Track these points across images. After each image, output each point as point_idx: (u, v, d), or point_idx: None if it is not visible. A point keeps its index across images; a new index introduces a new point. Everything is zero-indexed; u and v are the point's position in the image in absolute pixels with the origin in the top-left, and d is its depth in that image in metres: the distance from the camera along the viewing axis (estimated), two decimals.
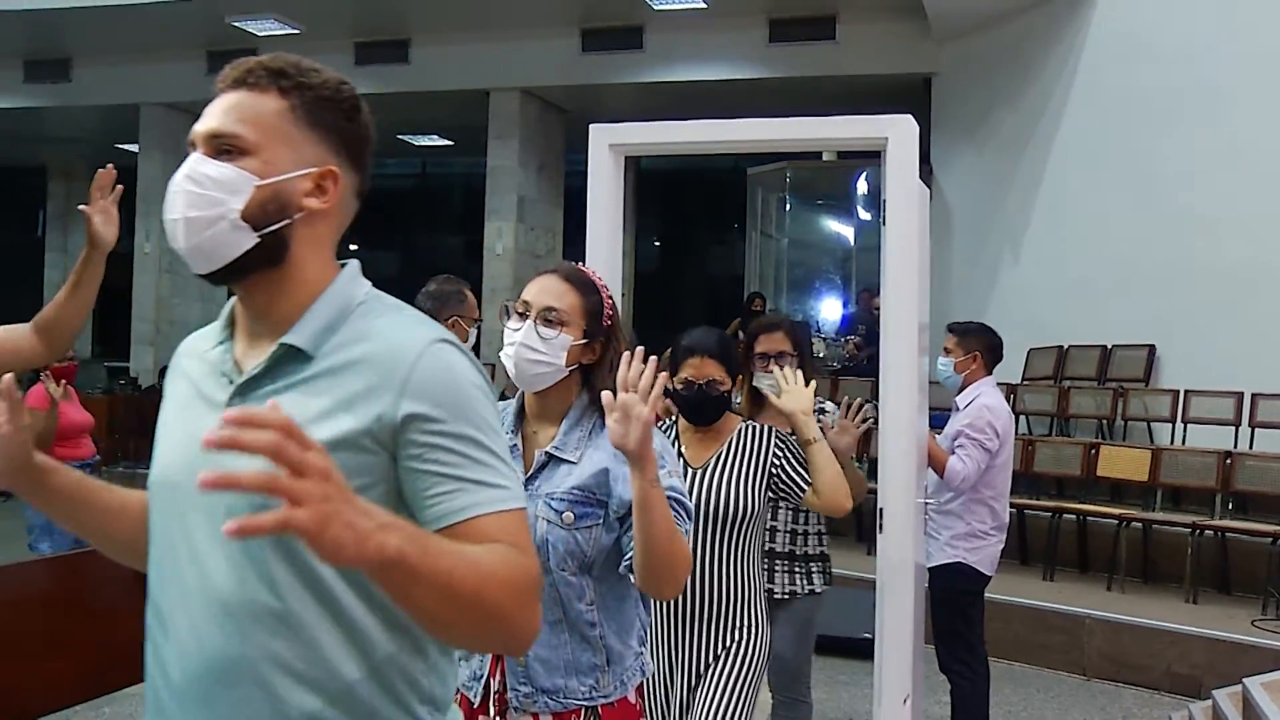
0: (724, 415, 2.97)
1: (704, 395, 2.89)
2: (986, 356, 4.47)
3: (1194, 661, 5.85)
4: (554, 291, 2.08)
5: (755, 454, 2.93)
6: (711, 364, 2.87)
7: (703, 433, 2.98)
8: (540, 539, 1.98)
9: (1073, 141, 9.56)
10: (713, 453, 2.94)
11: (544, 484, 2.04)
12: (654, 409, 1.88)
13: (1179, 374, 8.29)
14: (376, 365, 1.30)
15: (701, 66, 12.69)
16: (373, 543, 1.07)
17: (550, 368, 2.04)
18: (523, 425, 2.14)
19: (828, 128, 3.49)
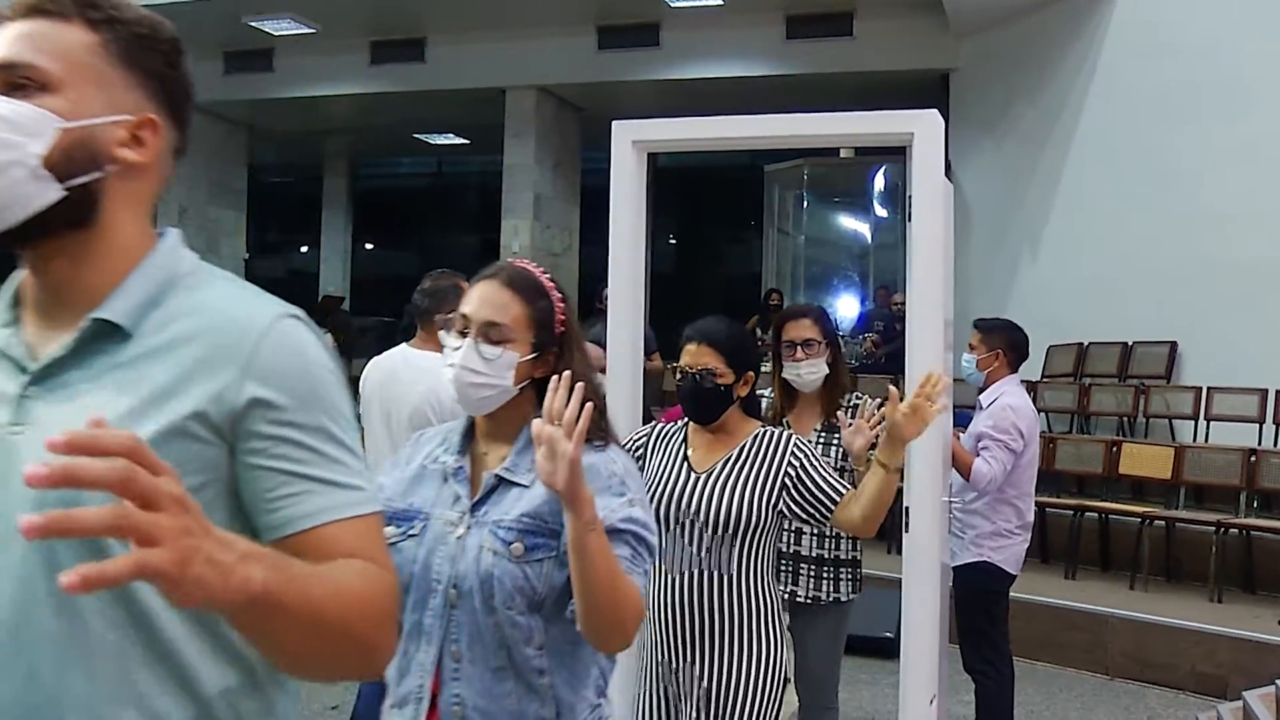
0: (730, 414, 2.70)
1: (697, 386, 2.65)
2: (1010, 354, 4.43)
3: (1219, 661, 5.79)
4: (495, 303, 1.83)
5: (768, 461, 2.66)
6: (708, 353, 2.65)
7: (712, 434, 2.73)
8: (484, 573, 1.73)
9: (1092, 137, 9.50)
10: (720, 457, 2.70)
11: (491, 510, 1.79)
12: (580, 445, 1.60)
13: (1201, 371, 8.23)
14: (212, 341, 1.11)
15: (718, 63, 12.66)
16: (236, 579, 0.91)
17: (495, 390, 1.81)
18: (472, 445, 1.90)
19: (853, 123, 3.46)
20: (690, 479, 2.68)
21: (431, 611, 1.75)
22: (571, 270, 14.39)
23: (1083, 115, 9.65)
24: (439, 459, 1.87)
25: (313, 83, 14.15)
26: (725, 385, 2.65)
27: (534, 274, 1.89)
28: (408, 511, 1.82)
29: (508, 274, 1.87)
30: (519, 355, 1.81)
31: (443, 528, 1.79)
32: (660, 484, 2.70)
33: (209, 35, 13.63)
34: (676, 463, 2.73)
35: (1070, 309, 9.24)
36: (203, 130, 15.18)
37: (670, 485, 2.69)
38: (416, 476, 1.87)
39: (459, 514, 1.79)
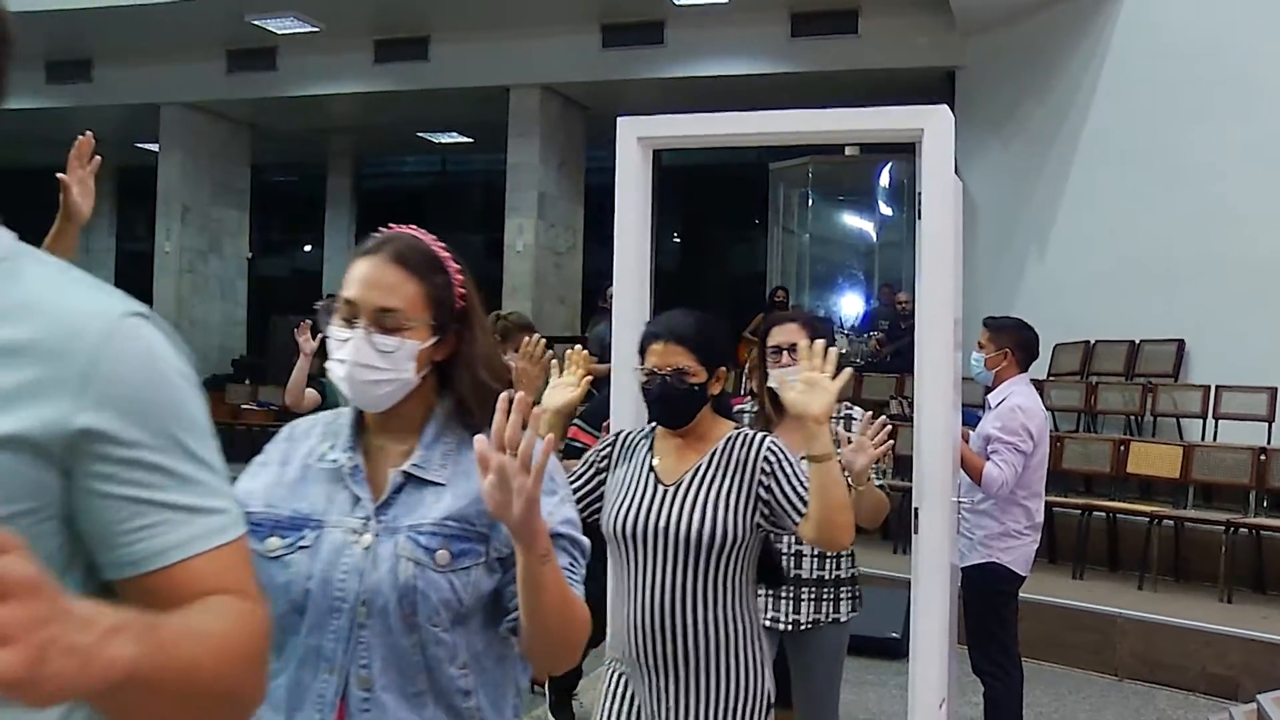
0: (703, 416, 2.47)
1: (668, 389, 2.40)
2: (1019, 354, 4.38)
3: (1230, 662, 5.74)
4: (385, 284, 1.58)
5: (741, 468, 2.41)
6: (678, 351, 2.40)
7: (681, 440, 2.49)
8: (404, 586, 1.50)
9: (1100, 135, 9.45)
10: (690, 466, 2.45)
11: (403, 513, 1.55)
12: (539, 481, 1.39)
13: (1209, 369, 8.18)
14: (39, 350, 0.93)
15: (723, 61, 12.63)
16: (99, 666, 0.77)
17: (395, 384, 1.58)
18: (364, 439, 1.64)
19: (862, 119, 3.42)
20: (658, 493, 2.43)
21: (333, 634, 1.51)
22: (576, 269, 14.37)
23: (1090, 113, 9.60)
24: (326, 456, 1.61)
25: (316, 81, 14.13)
26: (698, 385, 2.42)
27: (425, 244, 1.65)
28: (294, 519, 1.56)
29: (395, 248, 1.61)
30: (419, 342, 1.58)
31: (343, 536, 1.54)
32: (625, 499, 2.45)
33: (211, 34, 13.63)
34: (642, 475, 2.47)
35: (1077, 307, 9.19)
36: (205, 129, 15.20)
37: (635, 501, 2.43)
38: (300, 478, 1.61)
39: (362, 519, 1.55)
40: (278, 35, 13.43)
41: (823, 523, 2.29)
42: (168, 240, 14.98)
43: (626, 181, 3.45)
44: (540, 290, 13.38)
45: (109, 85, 14.92)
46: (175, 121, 15.03)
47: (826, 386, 2.28)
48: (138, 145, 16.46)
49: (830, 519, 2.28)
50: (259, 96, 14.50)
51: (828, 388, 2.28)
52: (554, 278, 13.87)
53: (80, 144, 2.21)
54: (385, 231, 1.67)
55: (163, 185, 15.03)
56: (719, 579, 2.39)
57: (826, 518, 2.28)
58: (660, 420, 2.50)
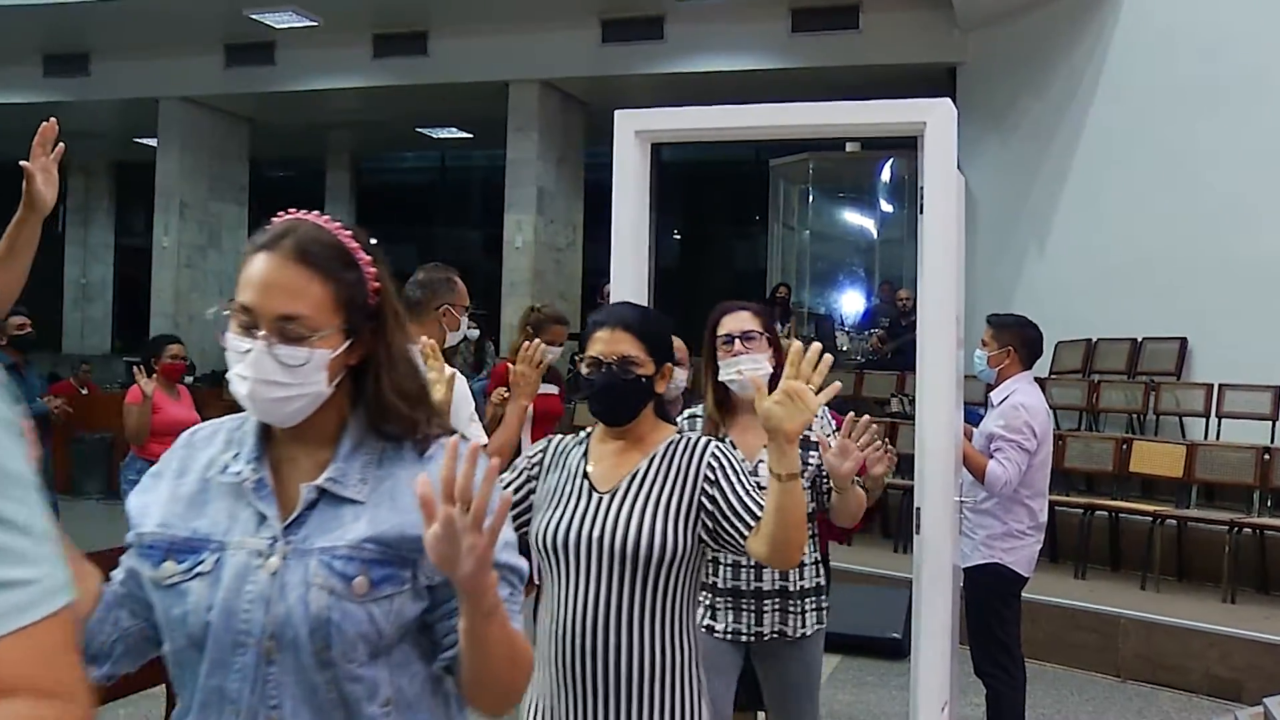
0: (645, 418, 2.27)
1: (613, 379, 2.19)
2: (1022, 351, 4.32)
3: (1234, 664, 5.69)
4: (287, 288, 1.36)
5: (684, 474, 2.21)
6: (625, 339, 2.21)
7: (619, 444, 2.27)
8: (316, 617, 1.32)
9: (1101, 131, 9.39)
10: (627, 472, 2.23)
11: (316, 534, 1.36)
12: (493, 542, 1.24)
13: (1212, 367, 8.13)
14: None
15: (723, 57, 12.58)
16: None
17: (305, 399, 1.38)
18: (270, 450, 1.44)
19: (863, 113, 3.36)
20: (592, 501, 2.21)
21: (239, 673, 1.33)
22: (575, 266, 14.31)
23: (1091, 109, 9.54)
24: (228, 468, 1.42)
25: (314, 76, 14.07)
26: (645, 378, 2.22)
27: (331, 234, 1.42)
28: (192, 541, 1.37)
29: (297, 241, 1.38)
30: (329, 351, 1.38)
31: (246, 560, 1.35)
32: (557, 508, 2.23)
33: (209, 28, 13.59)
34: (575, 481, 2.25)
35: (1079, 305, 9.14)
36: (203, 123, 15.14)
37: (568, 510, 2.22)
38: (199, 493, 1.42)
39: (268, 540, 1.36)
40: (276, 29, 13.38)
41: (777, 542, 2.09)
42: (166, 235, 14.93)
43: (624, 175, 3.40)
44: (539, 287, 13.32)
45: (107, 79, 14.87)
46: (173, 116, 14.98)
47: (809, 403, 2.01)
48: (136, 140, 16.41)
49: (785, 538, 2.09)
50: (257, 91, 14.45)
51: (809, 405, 2.01)
52: (553, 274, 13.81)
53: (43, 130, 2.14)
54: (282, 219, 1.43)
55: (161, 180, 14.97)
56: (657, 596, 2.17)
57: (782, 537, 2.08)
58: (602, 415, 2.27)
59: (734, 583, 2.96)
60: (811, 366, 2.02)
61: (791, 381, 2.01)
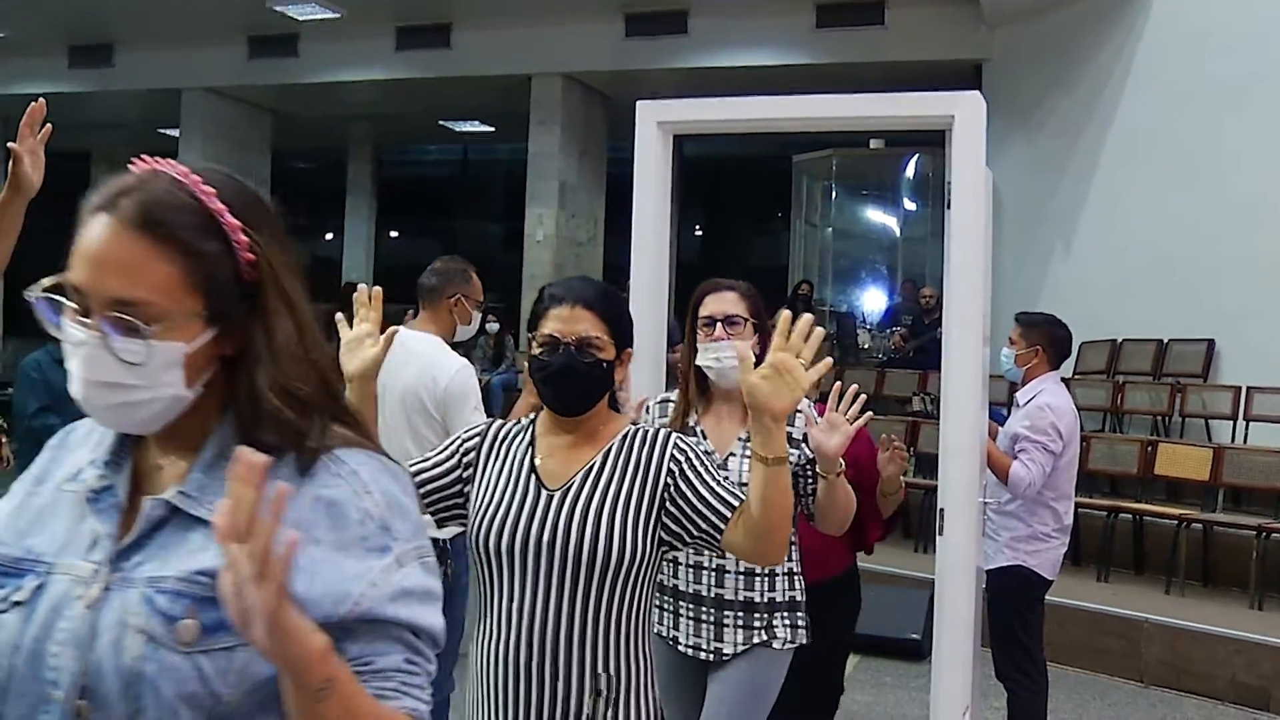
0: (600, 409, 2.06)
1: (572, 361, 1.97)
2: (1049, 350, 4.25)
3: (1261, 671, 5.59)
4: (124, 264, 1.05)
5: (642, 470, 2.00)
6: (587, 317, 1.99)
7: (570, 436, 2.05)
8: (126, 670, 1.01)
9: (1129, 130, 9.27)
10: (580, 467, 2.02)
11: (150, 560, 1.06)
12: (282, 601, 0.92)
13: (1239, 369, 8.01)
14: None
15: (746, 52, 12.49)
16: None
17: (157, 402, 1.08)
18: (136, 454, 1.15)
19: (890, 105, 3.29)
20: (541, 499, 1.99)
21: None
22: (596, 260, 14.26)
23: (1119, 107, 9.42)
24: (80, 474, 1.14)
25: (337, 68, 14.07)
26: (605, 362, 2.00)
27: (187, 192, 1.08)
28: (21, 562, 1.09)
29: (140, 203, 1.06)
30: (182, 344, 1.06)
31: (67, 589, 1.06)
32: (499, 505, 2.00)
33: (233, 20, 13.59)
34: (522, 476, 2.03)
35: (1104, 305, 9.02)
36: (225, 114, 15.16)
37: (513, 508, 1.99)
38: (50, 504, 1.14)
39: (94, 565, 1.06)
40: (299, 21, 13.37)
41: (760, 534, 1.89)
42: None
43: (645, 167, 3.34)
44: None
45: (130, 70, 14.91)
46: (196, 107, 15.00)
47: (799, 379, 1.80)
48: (159, 130, 16.44)
49: (769, 530, 1.89)
50: (280, 83, 14.46)
51: (799, 380, 1.80)
52: (574, 269, 13.75)
53: (31, 111, 2.06)
54: (129, 173, 1.11)
55: None
56: (612, 606, 1.95)
57: (765, 529, 1.89)
58: (555, 403, 2.03)
59: (694, 586, 2.67)
60: (802, 338, 1.81)
61: (780, 354, 1.81)
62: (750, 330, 2.69)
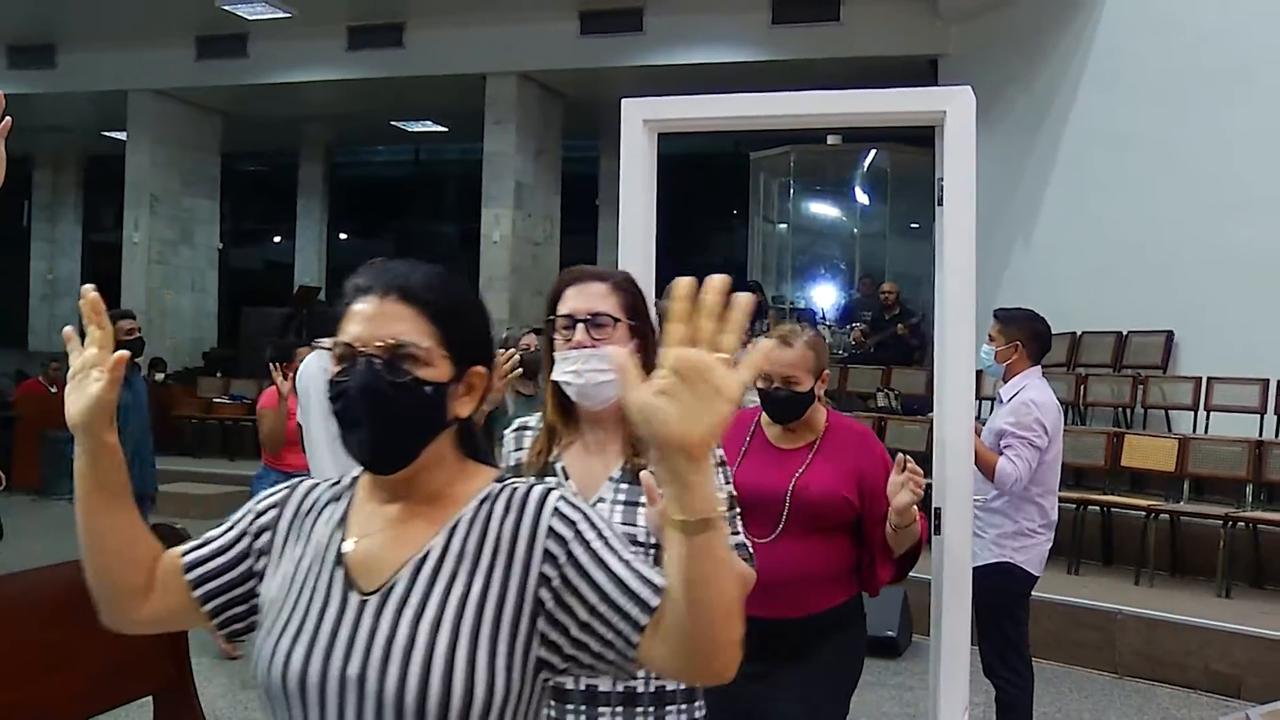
0: (441, 459, 1.33)
1: (376, 382, 1.27)
2: (1030, 346, 4.26)
3: (1233, 660, 5.64)
4: None
5: (505, 555, 1.28)
6: (406, 315, 1.29)
7: (400, 502, 1.33)
8: None
9: (1087, 123, 9.35)
10: (413, 552, 1.29)
11: None
12: None
13: (1198, 360, 8.10)
14: None
15: (703, 48, 12.48)
16: None
17: None
18: None
19: (881, 101, 3.26)
20: (348, 609, 1.28)
21: None
22: (553, 260, 14.18)
23: (1077, 101, 9.50)
24: None
25: (288, 68, 13.89)
26: (433, 385, 1.29)
27: None
28: None
29: None
30: None
31: None
32: (285, 620, 1.31)
33: (180, 19, 13.37)
34: (322, 571, 1.32)
35: (1064, 298, 9.06)
36: (174, 116, 14.91)
37: (306, 624, 1.29)
38: None
39: None
40: (249, 21, 13.18)
41: (694, 642, 1.18)
42: (136, 231, 14.69)
43: (632, 168, 3.28)
44: (517, 281, 13.19)
45: (74, 71, 14.61)
46: (143, 109, 14.74)
47: (722, 385, 1.07)
48: (104, 134, 16.14)
49: (707, 637, 1.17)
50: (230, 84, 14.25)
51: (723, 388, 1.07)
52: (531, 268, 13.67)
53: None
54: None
55: (131, 174, 14.73)
56: None
57: (701, 635, 1.17)
58: (357, 451, 1.31)
59: (588, 681, 1.96)
60: (715, 317, 1.07)
61: (683, 352, 1.07)
62: (625, 334, 1.98)
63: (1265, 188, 7.73)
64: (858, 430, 2.94)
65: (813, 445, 2.84)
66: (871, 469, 2.75)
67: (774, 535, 2.74)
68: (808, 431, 2.86)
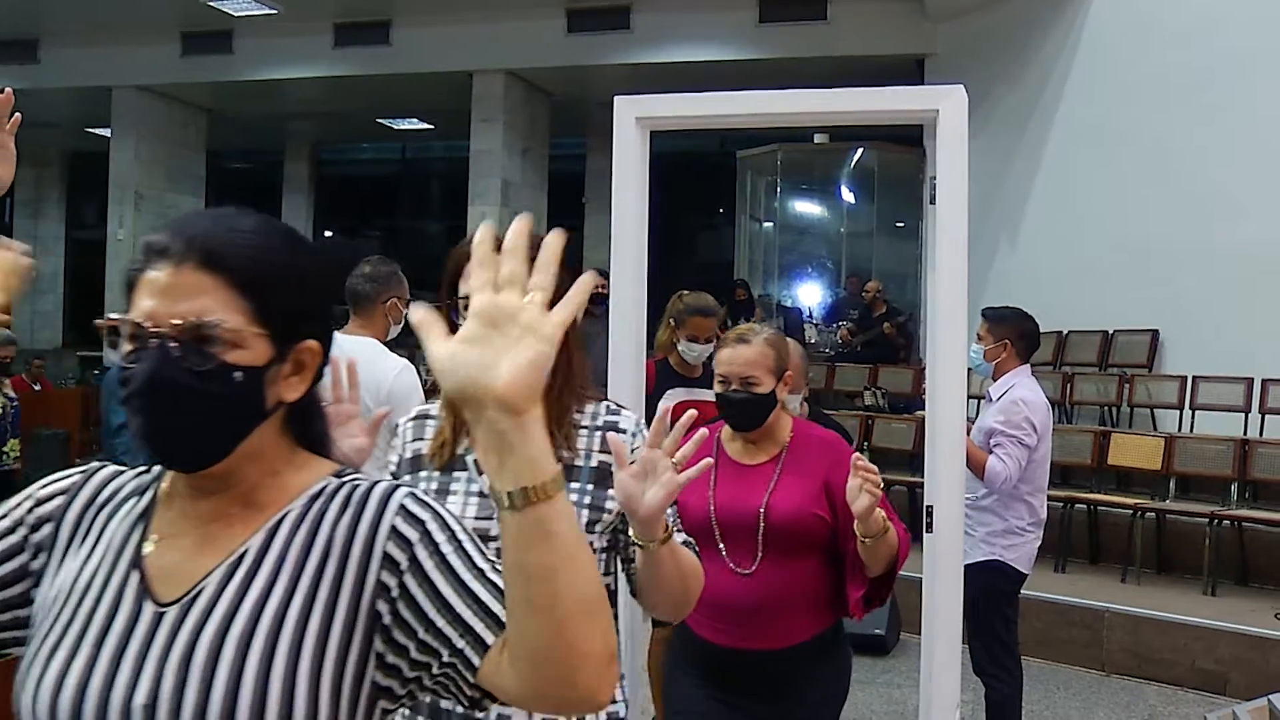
0: (263, 450, 1.12)
1: (167, 369, 1.04)
2: (1019, 345, 4.28)
3: (1219, 656, 5.67)
4: None
5: (335, 565, 1.09)
6: (208, 285, 1.06)
7: (208, 501, 1.12)
8: None
9: (1073, 122, 9.38)
10: (219, 562, 1.09)
11: None
12: None
13: (1183, 359, 8.14)
14: None
15: (690, 47, 12.46)
16: None
17: None
18: None
19: (874, 99, 3.26)
20: (141, 623, 1.07)
21: None
22: None
23: (1063, 100, 9.53)
24: None
25: (274, 65, 13.81)
26: (247, 371, 1.07)
27: None
28: None
29: None
30: None
31: None
32: (66, 642, 1.08)
33: (166, 15, 13.29)
34: (114, 578, 1.10)
35: (1050, 296, 9.07)
36: (159, 113, 14.82)
37: (82, 643, 1.07)
38: None
39: None
40: (234, 17, 13.11)
41: (542, 650, 0.97)
42: (120, 228, 14.59)
43: (625, 166, 3.27)
44: None
45: (57, 67, 14.50)
46: (128, 105, 14.63)
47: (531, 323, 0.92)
48: (88, 130, 16.05)
49: (555, 643, 0.97)
50: (215, 80, 14.15)
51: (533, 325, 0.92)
52: None
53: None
54: None
55: (115, 171, 14.63)
56: None
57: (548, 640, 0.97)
58: (154, 449, 1.09)
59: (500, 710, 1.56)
60: (520, 258, 0.93)
61: (487, 296, 0.93)
62: None
63: (1252, 187, 7.77)
64: (825, 438, 2.70)
65: (778, 459, 2.62)
66: (840, 478, 2.49)
67: (754, 566, 2.56)
68: (772, 444, 2.64)
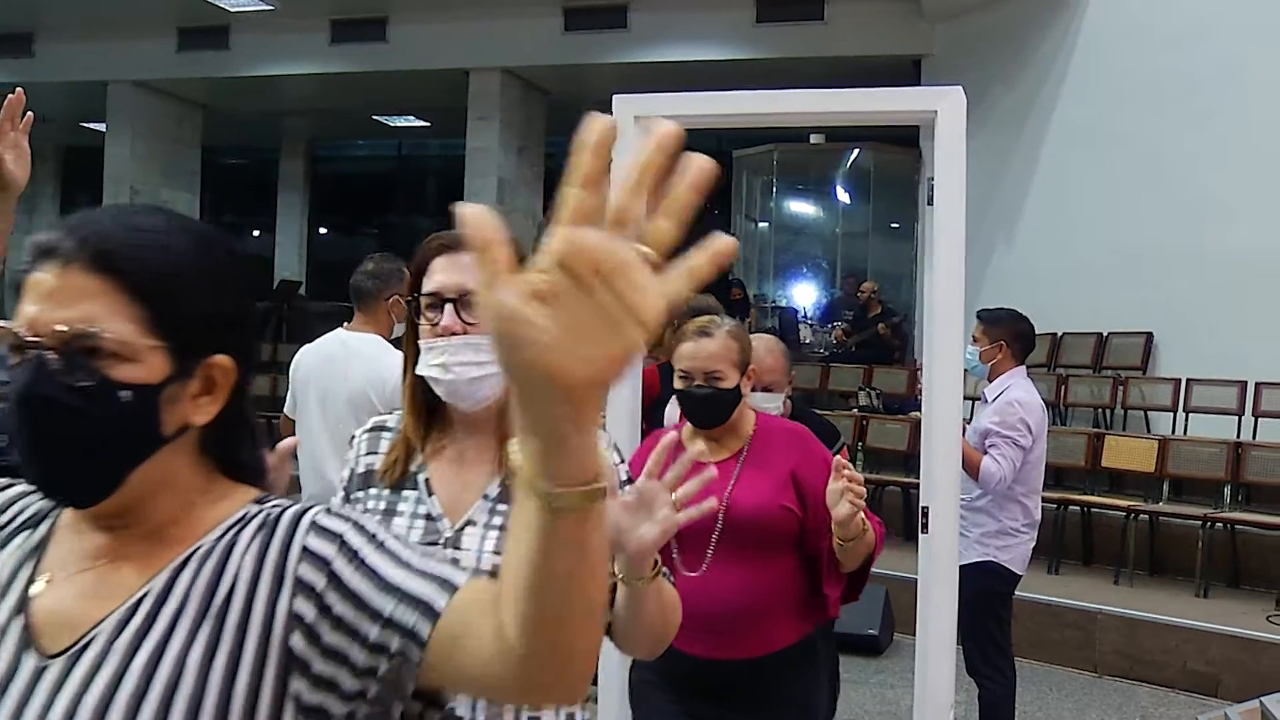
0: (163, 479, 0.98)
1: (43, 384, 0.92)
2: (1014, 346, 4.29)
3: (1210, 658, 5.69)
4: None
5: (241, 603, 0.96)
6: (95, 289, 0.93)
7: (104, 535, 1.00)
8: None
9: (1069, 124, 9.40)
10: (119, 603, 0.96)
11: None
12: None
13: (1178, 362, 8.15)
14: None
15: (687, 46, 12.46)
16: None
17: None
18: None
19: (873, 100, 3.27)
20: (23, 677, 0.94)
21: None
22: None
23: (1059, 102, 9.54)
24: None
25: (270, 62, 13.79)
26: (140, 390, 0.94)
27: None
28: None
29: None
30: None
31: None
32: None
33: (162, 11, 13.27)
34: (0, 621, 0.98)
35: (1045, 298, 9.10)
36: (154, 108, 14.79)
37: None
38: None
39: None
40: (231, 13, 13.09)
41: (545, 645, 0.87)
42: None
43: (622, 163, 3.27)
44: None
45: (52, 62, 14.47)
46: (123, 100, 14.60)
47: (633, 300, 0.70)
48: (83, 125, 16.01)
49: (553, 642, 0.87)
50: (211, 76, 14.13)
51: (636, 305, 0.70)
52: None
53: (10, 102, 1.88)
54: None
55: (110, 167, 14.60)
56: None
57: (546, 637, 0.87)
58: (36, 481, 0.97)
59: None
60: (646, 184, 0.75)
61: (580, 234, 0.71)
62: None
63: (1246, 190, 7.79)
64: (790, 429, 2.60)
65: (740, 454, 2.52)
66: (809, 469, 2.43)
67: (703, 567, 2.44)
68: (734, 439, 2.54)
